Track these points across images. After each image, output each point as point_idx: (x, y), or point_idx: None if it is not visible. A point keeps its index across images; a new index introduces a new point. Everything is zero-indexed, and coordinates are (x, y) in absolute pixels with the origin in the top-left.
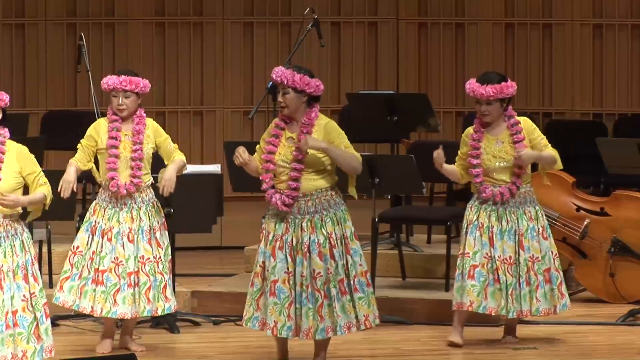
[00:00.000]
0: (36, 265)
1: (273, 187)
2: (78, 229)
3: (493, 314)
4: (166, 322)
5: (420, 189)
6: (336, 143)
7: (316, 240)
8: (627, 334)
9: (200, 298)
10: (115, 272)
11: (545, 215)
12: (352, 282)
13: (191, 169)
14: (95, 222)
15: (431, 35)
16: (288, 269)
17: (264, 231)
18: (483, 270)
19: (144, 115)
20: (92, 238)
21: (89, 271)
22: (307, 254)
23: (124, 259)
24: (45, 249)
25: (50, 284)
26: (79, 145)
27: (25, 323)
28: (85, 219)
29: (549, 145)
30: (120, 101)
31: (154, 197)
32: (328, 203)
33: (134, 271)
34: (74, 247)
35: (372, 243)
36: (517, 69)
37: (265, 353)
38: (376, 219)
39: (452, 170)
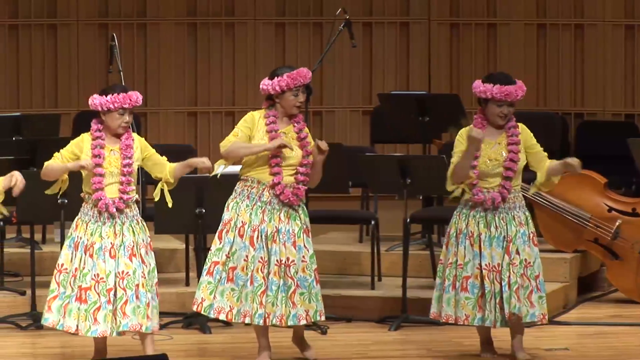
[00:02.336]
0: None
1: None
2: None
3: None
4: (198, 323)
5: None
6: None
7: (290, 230)
8: None
9: None
10: (95, 289)
11: (577, 216)
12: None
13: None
14: (77, 237)
15: (463, 36)
16: (263, 257)
17: (231, 222)
18: (476, 282)
19: (129, 129)
20: (75, 254)
21: (72, 288)
22: (284, 243)
23: (104, 276)
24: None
25: None
26: (56, 154)
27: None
28: (68, 235)
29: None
30: (127, 118)
31: (138, 214)
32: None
33: (113, 287)
34: (58, 264)
35: (404, 243)
36: (548, 70)
37: (293, 352)
38: (408, 220)
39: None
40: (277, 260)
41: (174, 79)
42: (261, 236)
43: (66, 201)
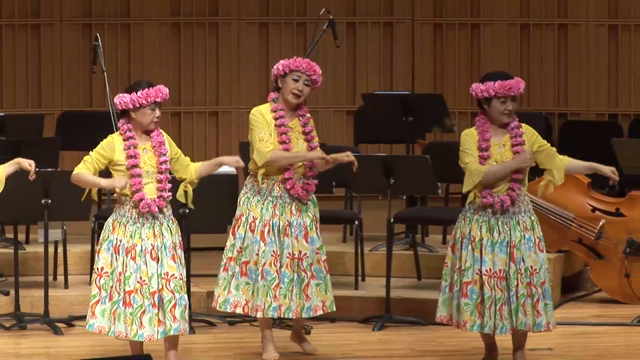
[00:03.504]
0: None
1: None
2: (93, 230)
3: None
4: None
5: (435, 189)
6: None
7: (302, 223)
8: None
9: None
10: (140, 292)
11: (561, 216)
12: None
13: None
14: (117, 239)
15: (446, 36)
16: (275, 251)
17: (242, 217)
18: (475, 287)
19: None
20: (116, 257)
21: (119, 294)
22: (296, 236)
23: (147, 278)
24: (60, 249)
25: (66, 285)
26: (86, 157)
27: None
28: (104, 237)
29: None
30: (158, 113)
31: (172, 214)
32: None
33: (158, 289)
34: (98, 268)
35: (388, 243)
36: (532, 70)
37: (280, 353)
38: (391, 220)
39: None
40: (289, 254)
41: (158, 79)
42: (273, 230)
43: (50, 201)
